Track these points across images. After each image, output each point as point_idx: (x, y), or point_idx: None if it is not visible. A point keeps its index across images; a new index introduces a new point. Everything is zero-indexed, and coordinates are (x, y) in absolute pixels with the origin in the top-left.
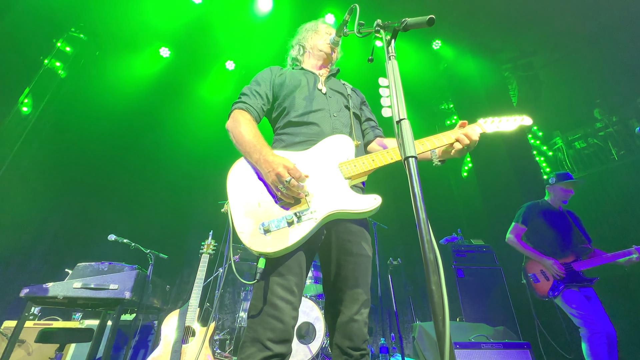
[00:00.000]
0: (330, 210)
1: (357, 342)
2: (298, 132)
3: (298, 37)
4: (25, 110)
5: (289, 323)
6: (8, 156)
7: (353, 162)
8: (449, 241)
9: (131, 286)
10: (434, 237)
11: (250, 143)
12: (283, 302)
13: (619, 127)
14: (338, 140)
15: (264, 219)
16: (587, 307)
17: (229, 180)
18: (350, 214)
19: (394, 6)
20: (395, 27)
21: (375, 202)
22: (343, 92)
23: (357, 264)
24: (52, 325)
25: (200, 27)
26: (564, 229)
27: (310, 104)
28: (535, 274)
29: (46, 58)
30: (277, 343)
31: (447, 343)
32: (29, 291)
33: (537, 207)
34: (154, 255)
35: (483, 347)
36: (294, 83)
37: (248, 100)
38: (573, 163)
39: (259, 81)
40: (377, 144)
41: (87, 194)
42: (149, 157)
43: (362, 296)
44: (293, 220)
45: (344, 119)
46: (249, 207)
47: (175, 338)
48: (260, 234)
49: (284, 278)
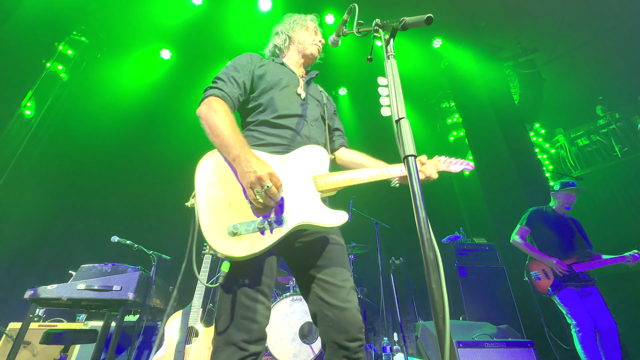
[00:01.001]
0: (300, 222)
1: (352, 332)
2: (273, 133)
3: (284, 26)
4: (28, 113)
5: (263, 323)
6: (12, 159)
7: (327, 176)
8: (451, 240)
9: (134, 287)
10: (436, 236)
11: (228, 138)
12: (256, 303)
13: (622, 123)
14: (314, 151)
15: (233, 221)
16: (578, 306)
17: (198, 173)
18: (318, 227)
19: (393, 5)
20: (394, 26)
21: (343, 219)
22: (320, 100)
23: (332, 252)
24: (56, 327)
25: (201, 27)
26: (567, 234)
27: (288, 107)
28: (537, 273)
29: (48, 61)
30: (253, 343)
31: (448, 342)
32: (33, 293)
33: (541, 211)
34: (157, 257)
35: (486, 345)
36: (274, 80)
37: (225, 87)
38: (576, 160)
39: (238, 67)
40: (342, 152)
41: (90, 196)
42: (151, 158)
43: (348, 282)
44: (264, 226)
45: (319, 129)
46: (218, 205)
47: (179, 339)
48: (228, 236)
49: (255, 279)
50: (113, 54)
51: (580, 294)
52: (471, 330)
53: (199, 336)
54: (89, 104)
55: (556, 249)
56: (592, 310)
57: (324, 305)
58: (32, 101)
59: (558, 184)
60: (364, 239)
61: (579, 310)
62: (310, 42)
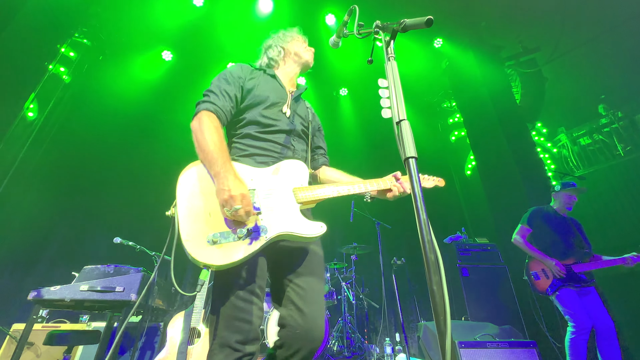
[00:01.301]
0: (281, 232)
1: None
2: (256, 145)
3: (275, 40)
4: (31, 115)
5: (256, 323)
6: (15, 161)
7: (307, 189)
8: (453, 240)
9: (137, 288)
10: (437, 236)
11: (212, 153)
12: (249, 304)
13: (625, 122)
14: (295, 165)
15: (213, 230)
16: (577, 306)
17: (180, 182)
18: (297, 237)
19: (394, 5)
20: (394, 28)
21: (322, 229)
22: (305, 117)
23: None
24: (60, 328)
25: (202, 29)
26: (566, 234)
27: (272, 125)
28: (537, 272)
29: (51, 63)
30: (247, 344)
31: (449, 343)
32: (37, 294)
33: (542, 211)
34: (159, 258)
35: (489, 346)
36: (261, 96)
37: (217, 101)
38: (578, 160)
39: (229, 80)
40: (323, 171)
41: (92, 198)
42: (153, 160)
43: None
44: (243, 235)
45: (302, 145)
46: (198, 215)
47: (181, 339)
48: (207, 244)
49: (247, 282)
50: (115, 56)
51: (579, 294)
52: (473, 330)
53: (201, 337)
54: (91, 106)
55: (556, 249)
56: (590, 309)
57: (296, 312)
58: (34, 103)
59: (559, 185)
60: (365, 239)
61: (577, 311)
62: (303, 49)
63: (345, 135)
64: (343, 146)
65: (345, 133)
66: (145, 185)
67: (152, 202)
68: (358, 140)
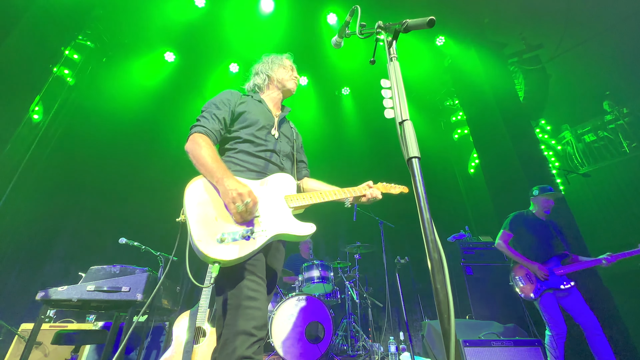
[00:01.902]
0: (279, 231)
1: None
2: (250, 161)
3: (263, 66)
4: (36, 117)
5: (265, 310)
6: (21, 163)
7: (296, 197)
8: (457, 238)
9: (142, 288)
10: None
11: (211, 164)
12: (258, 293)
13: (630, 118)
14: (284, 178)
15: (220, 231)
16: (555, 312)
17: (187, 194)
18: (291, 237)
19: (396, 5)
20: (396, 29)
21: (312, 229)
22: (290, 137)
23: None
24: (67, 328)
25: (204, 30)
26: (546, 237)
27: (263, 144)
28: (521, 277)
29: (55, 66)
30: (260, 329)
31: (453, 342)
32: (44, 294)
33: (522, 216)
34: (164, 258)
35: (493, 344)
36: (252, 119)
37: (207, 124)
38: (583, 157)
39: (219, 105)
40: (305, 182)
41: (98, 199)
42: (157, 160)
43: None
44: (247, 234)
45: (289, 162)
46: (207, 219)
47: (187, 339)
48: (216, 243)
49: (255, 274)
50: (118, 58)
51: (559, 297)
52: (478, 329)
53: (206, 336)
54: (95, 107)
55: (537, 252)
56: (572, 309)
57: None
58: (39, 105)
59: (537, 189)
60: (368, 238)
61: (556, 316)
62: (287, 78)
63: (347, 135)
64: (345, 145)
65: (347, 132)
66: (150, 186)
67: (157, 202)
68: (360, 139)
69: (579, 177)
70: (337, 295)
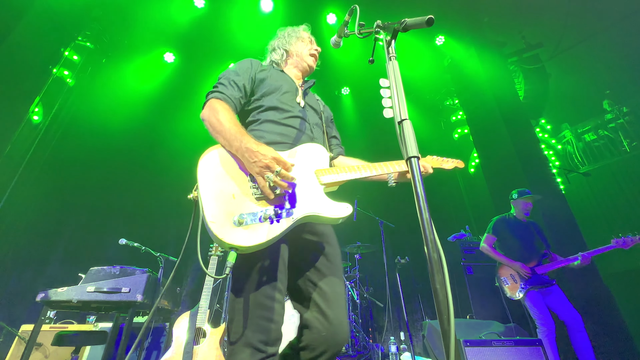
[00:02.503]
0: (307, 212)
1: (340, 347)
2: (277, 130)
3: (280, 41)
4: (36, 119)
5: (279, 322)
6: (21, 164)
7: (330, 171)
8: (457, 238)
9: (142, 289)
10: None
11: (229, 131)
12: (273, 301)
13: (630, 117)
14: (315, 148)
15: (238, 211)
16: (543, 309)
17: (200, 166)
18: (323, 219)
19: (396, 5)
20: (395, 28)
21: (347, 210)
22: (317, 109)
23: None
24: (67, 329)
25: (204, 30)
26: (527, 238)
27: (290, 110)
28: (506, 278)
29: (55, 67)
30: (270, 344)
31: (452, 343)
32: (44, 296)
33: (504, 220)
34: (164, 258)
35: (494, 344)
36: (275, 85)
37: (225, 90)
38: (583, 156)
39: (238, 71)
40: (340, 161)
41: (98, 200)
42: (157, 161)
43: (343, 297)
44: (269, 216)
45: (320, 134)
46: (222, 197)
47: (187, 339)
48: (233, 225)
49: (271, 276)
50: (118, 59)
51: (543, 295)
52: (479, 328)
53: (206, 337)
54: (95, 108)
55: (519, 254)
56: (556, 307)
57: (321, 316)
58: (39, 107)
59: (515, 193)
60: (369, 238)
61: (543, 312)
62: (306, 52)
63: (347, 134)
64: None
65: (347, 132)
66: (150, 187)
67: (157, 202)
68: (360, 139)
69: (579, 176)
70: None
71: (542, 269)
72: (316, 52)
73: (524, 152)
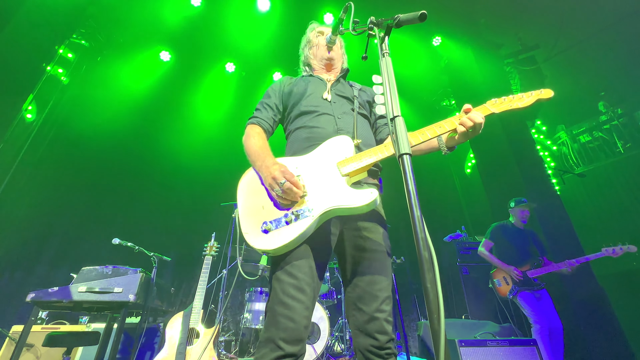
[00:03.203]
0: (327, 207)
1: (381, 341)
2: (303, 136)
3: (301, 57)
4: (30, 117)
5: (301, 322)
6: (13, 163)
7: (350, 160)
8: (453, 238)
9: (135, 289)
10: (437, 235)
11: (255, 153)
12: (294, 300)
13: (625, 119)
14: (338, 140)
15: (266, 219)
16: (536, 307)
17: (238, 188)
18: (347, 210)
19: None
20: (388, 24)
21: (372, 195)
22: (348, 96)
23: (373, 259)
24: (59, 329)
25: (200, 28)
26: (523, 245)
27: (315, 110)
28: (499, 280)
29: (49, 64)
30: (290, 343)
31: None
32: (35, 296)
33: (502, 226)
34: (158, 258)
35: (489, 344)
36: (300, 92)
37: (259, 114)
38: (578, 157)
39: (269, 94)
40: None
41: (91, 199)
42: (151, 160)
43: (382, 292)
44: (291, 218)
45: (347, 120)
46: (253, 210)
47: (180, 340)
48: (262, 233)
49: (294, 277)
50: (113, 57)
51: (535, 297)
52: (474, 329)
53: (199, 337)
54: (89, 107)
55: (514, 258)
56: (544, 311)
57: (357, 309)
58: (33, 105)
59: (513, 202)
60: None
61: (536, 311)
62: (315, 51)
63: None
64: None
65: None
66: (144, 186)
67: (151, 202)
68: None
69: (574, 177)
70: (334, 295)
71: (533, 273)
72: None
73: (519, 153)
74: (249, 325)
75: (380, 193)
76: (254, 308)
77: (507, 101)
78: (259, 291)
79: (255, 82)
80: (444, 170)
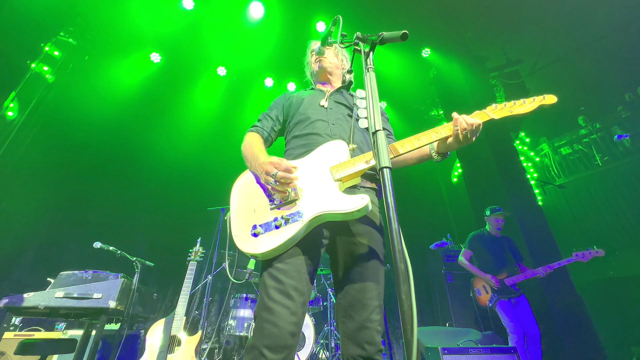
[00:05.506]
0: (317, 212)
1: (369, 352)
2: (300, 144)
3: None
4: (11, 115)
5: (285, 328)
6: None
7: (343, 165)
8: (439, 246)
9: (116, 295)
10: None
11: (250, 154)
12: (278, 305)
13: (603, 133)
14: (333, 145)
15: (256, 223)
16: (513, 317)
17: (232, 190)
18: (337, 215)
19: (384, 16)
20: (373, 40)
21: (363, 201)
22: (347, 104)
23: (365, 267)
24: (33, 336)
25: (191, 32)
26: (499, 252)
27: (310, 117)
28: (479, 289)
29: (33, 62)
30: (273, 350)
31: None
32: (8, 301)
33: (479, 235)
34: (140, 263)
35: (471, 352)
36: (299, 102)
37: (259, 123)
38: (559, 168)
39: (272, 106)
40: None
41: (72, 201)
42: (135, 163)
43: (373, 301)
44: (281, 223)
45: (343, 125)
46: (245, 212)
47: (160, 347)
48: (251, 237)
49: (279, 282)
50: (101, 57)
51: (513, 304)
52: (457, 336)
53: (181, 345)
54: (74, 107)
55: (491, 266)
56: (522, 318)
57: (347, 316)
58: (15, 102)
59: (488, 210)
60: None
61: (513, 319)
62: (310, 68)
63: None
64: None
65: None
66: (128, 189)
67: (135, 206)
68: None
69: (555, 187)
70: (320, 302)
71: (510, 281)
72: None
73: (503, 164)
74: (233, 332)
75: (379, 198)
76: (238, 315)
77: (507, 107)
78: (244, 297)
79: (246, 87)
80: (431, 179)
